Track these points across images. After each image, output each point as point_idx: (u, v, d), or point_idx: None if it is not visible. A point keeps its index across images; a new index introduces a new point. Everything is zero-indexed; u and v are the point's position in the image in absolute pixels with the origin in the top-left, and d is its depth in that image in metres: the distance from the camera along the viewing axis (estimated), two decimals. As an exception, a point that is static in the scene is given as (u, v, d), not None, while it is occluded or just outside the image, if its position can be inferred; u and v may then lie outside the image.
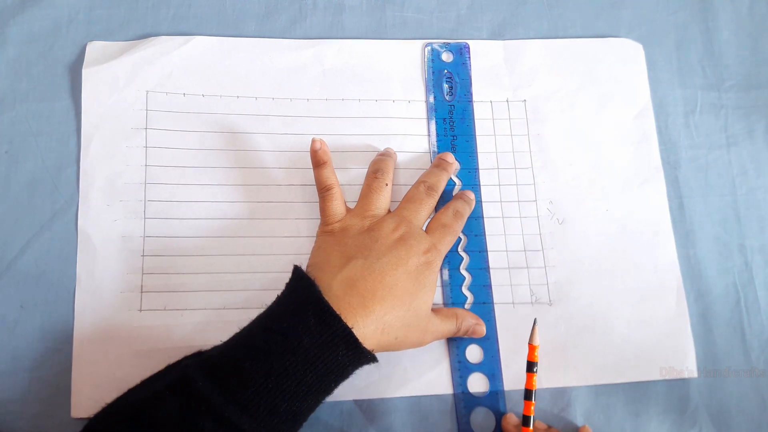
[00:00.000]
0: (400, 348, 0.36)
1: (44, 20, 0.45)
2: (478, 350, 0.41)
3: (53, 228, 0.41)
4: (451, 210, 0.41)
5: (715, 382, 0.42)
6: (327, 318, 0.32)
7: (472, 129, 0.45)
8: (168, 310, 0.40)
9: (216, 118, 0.43)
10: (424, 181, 0.41)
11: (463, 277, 0.42)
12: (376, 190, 0.39)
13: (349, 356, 0.32)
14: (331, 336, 0.31)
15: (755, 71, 0.49)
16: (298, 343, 0.31)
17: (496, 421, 0.39)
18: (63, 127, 0.43)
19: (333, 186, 0.39)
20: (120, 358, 0.38)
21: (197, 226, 0.41)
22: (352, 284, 0.34)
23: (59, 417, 0.37)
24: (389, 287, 0.34)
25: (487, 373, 0.40)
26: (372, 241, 0.36)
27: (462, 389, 0.40)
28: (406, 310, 0.35)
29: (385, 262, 0.35)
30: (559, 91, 0.47)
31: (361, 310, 0.33)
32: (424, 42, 0.47)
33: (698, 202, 0.46)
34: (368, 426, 0.39)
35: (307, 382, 0.31)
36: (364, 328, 0.33)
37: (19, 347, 0.38)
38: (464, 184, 0.44)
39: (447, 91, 0.46)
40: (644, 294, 0.43)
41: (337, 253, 0.36)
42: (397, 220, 0.38)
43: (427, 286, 0.36)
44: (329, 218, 0.38)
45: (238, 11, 0.46)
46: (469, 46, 0.47)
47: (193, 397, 0.30)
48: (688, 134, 0.47)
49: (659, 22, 0.50)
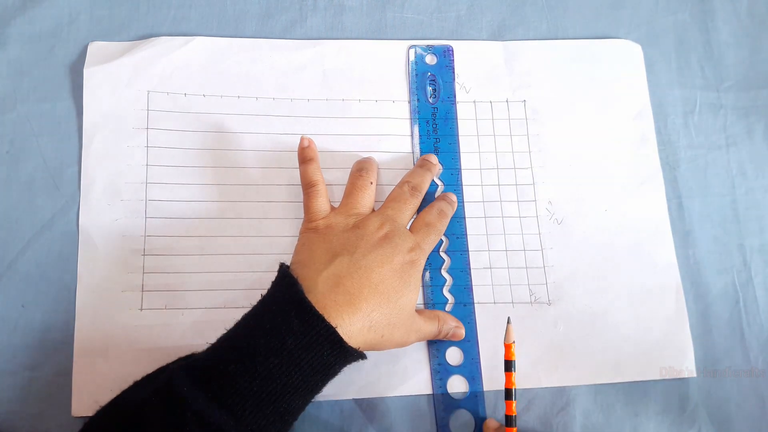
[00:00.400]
0: (385, 347, 0.35)
1: (45, 20, 0.45)
2: (458, 352, 0.41)
3: (54, 227, 0.41)
4: (435, 209, 0.41)
5: (714, 381, 0.42)
6: (310, 318, 0.31)
7: (455, 131, 0.45)
8: (168, 309, 0.40)
9: (217, 118, 0.44)
10: (408, 181, 0.41)
11: (444, 279, 0.42)
12: (360, 188, 0.39)
13: (334, 355, 0.32)
14: (315, 336, 0.31)
15: (754, 71, 0.50)
16: (282, 345, 0.31)
17: (476, 424, 0.39)
18: (64, 127, 0.43)
19: (318, 182, 0.39)
20: (120, 357, 0.38)
21: (198, 226, 0.41)
22: (338, 281, 0.34)
23: (59, 416, 0.37)
24: (375, 285, 0.34)
25: (467, 375, 0.40)
26: (357, 239, 0.36)
27: (442, 391, 0.40)
28: (391, 308, 0.34)
29: (371, 259, 0.35)
30: (558, 92, 0.47)
31: (348, 308, 0.33)
32: (408, 44, 0.47)
33: (697, 202, 0.46)
34: (368, 425, 0.39)
35: (292, 383, 0.31)
36: (351, 326, 0.33)
37: (19, 346, 0.39)
38: (447, 186, 0.44)
39: (430, 94, 0.46)
40: (643, 294, 0.43)
41: (322, 250, 0.36)
42: (381, 218, 0.38)
43: (411, 284, 0.36)
44: (313, 215, 0.38)
45: (239, 12, 0.47)
46: (452, 49, 0.47)
47: (179, 403, 0.29)
48: (687, 134, 0.48)
49: (658, 23, 0.50)
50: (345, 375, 0.40)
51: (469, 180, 0.44)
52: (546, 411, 0.41)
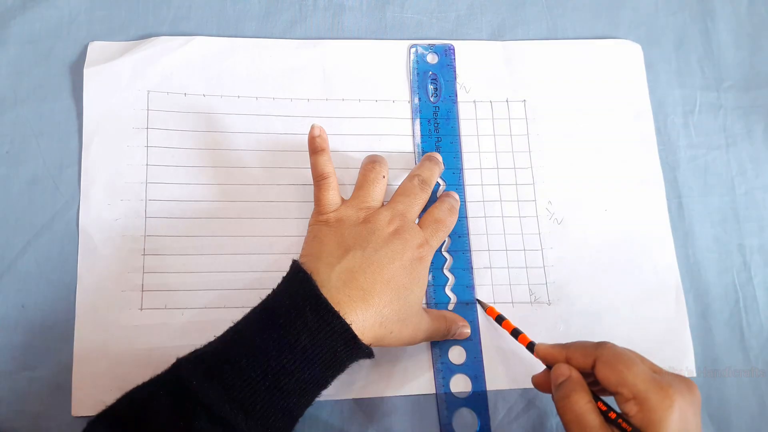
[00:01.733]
0: (395, 344, 0.35)
1: (45, 20, 0.45)
2: (461, 351, 0.41)
3: (54, 227, 0.41)
4: (445, 206, 0.40)
5: (714, 381, 0.42)
6: (325, 314, 0.31)
7: (456, 130, 0.45)
8: (168, 308, 0.40)
9: (217, 118, 0.44)
10: (418, 175, 0.40)
11: (446, 277, 0.42)
12: (372, 181, 0.39)
13: (347, 352, 0.32)
14: (330, 332, 0.31)
15: (754, 71, 0.50)
16: (296, 341, 0.30)
17: (479, 422, 0.40)
18: (64, 127, 0.43)
19: (330, 175, 0.38)
20: (120, 357, 0.38)
21: (198, 225, 0.41)
22: (352, 276, 0.33)
23: (59, 416, 0.37)
24: (387, 280, 0.34)
25: (470, 374, 0.40)
26: (369, 233, 0.36)
27: (445, 390, 0.40)
28: (401, 304, 0.34)
29: (382, 254, 0.35)
30: (558, 92, 0.47)
31: (361, 304, 0.33)
32: (410, 43, 0.47)
33: (697, 202, 0.46)
34: (369, 425, 0.39)
35: (304, 379, 0.31)
36: (364, 322, 0.32)
37: (19, 346, 0.39)
38: (449, 185, 0.44)
39: (432, 93, 0.46)
40: (643, 294, 0.43)
41: (334, 243, 0.36)
42: (391, 212, 0.37)
43: (419, 280, 0.36)
44: (324, 207, 0.38)
45: (239, 12, 0.47)
46: (454, 48, 0.47)
47: (188, 397, 0.29)
48: (687, 134, 0.48)
49: (658, 23, 0.50)
50: (345, 375, 0.40)
51: (470, 180, 0.44)
52: (547, 410, 0.41)
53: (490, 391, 0.40)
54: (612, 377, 0.32)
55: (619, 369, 0.32)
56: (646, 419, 0.30)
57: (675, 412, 0.30)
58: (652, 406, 0.30)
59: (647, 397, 0.31)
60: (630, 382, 0.31)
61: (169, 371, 0.31)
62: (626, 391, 0.31)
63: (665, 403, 0.30)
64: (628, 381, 0.31)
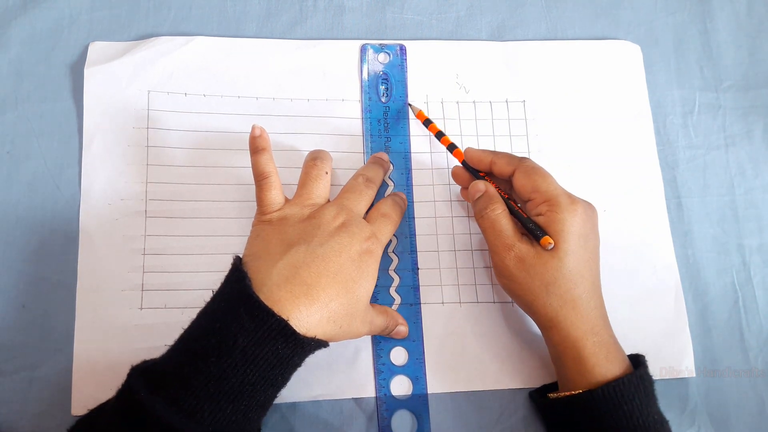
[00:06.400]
0: (343, 338, 0.35)
1: (46, 21, 0.45)
2: (403, 352, 0.41)
3: (54, 227, 0.41)
4: (389, 200, 0.40)
5: (713, 381, 0.43)
6: (260, 314, 0.31)
7: (406, 131, 0.45)
8: (168, 308, 0.40)
9: (217, 118, 0.44)
10: (363, 174, 0.40)
11: (391, 278, 0.42)
12: (315, 178, 0.38)
13: (289, 348, 0.31)
14: (267, 331, 0.30)
15: (753, 72, 0.50)
16: (234, 344, 0.30)
17: (418, 424, 0.39)
18: (65, 127, 0.43)
19: (271, 174, 0.37)
20: (120, 357, 0.38)
21: (198, 225, 0.41)
22: (295, 272, 0.33)
23: (60, 416, 0.37)
24: (333, 274, 0.33)
25: (411, 375, 0.40)
26: (313, 228, 0.35)
27: (385, 392, 0.40)
28: (350, 298, 0.34)
29: (328, 248, 0.34)
30: (557, 93, 0.47)
31: (305, 299, 0.32)
32: (361, 42, 0.47)
33: (696, 202, 0.46)
34: (369, 425, 0.39)
35: (249, 381, 0.30)
36: (308, 318, 0.32)
37: (19, 346, 0.39)
38: (397, 186, 0.44)
39: (383, 93, 0.46)
40: (643, 294, 0.43)
41: (277, 241, 0.35)
42: (337, 208, 0.37)
43: (369, 274, 0.35)
44: (266, 207, 0.37)
45: (239, 12, 0.47)
46: (405, 48, 0.47)
47: (138, 409, 0.29)
48: (686, 135, 0.48)
49: (657, 24, 0.50)
50: (345, 374, 0.40)
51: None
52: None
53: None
54: (528, 184, 0.37)
55: (534, 178, 0.37)
56: (552, 218, 0.36)
57: (579, 215, 0.36)
58: (560, 207, 0.36)
59: (558, 202, 0.36)
60: (543, 189, 0.37)
61: (125, 381, 0.31)
62: (538, 197, 0.37)
63: (572, 207, 0.36)
64: (541, 188, 0.37)
